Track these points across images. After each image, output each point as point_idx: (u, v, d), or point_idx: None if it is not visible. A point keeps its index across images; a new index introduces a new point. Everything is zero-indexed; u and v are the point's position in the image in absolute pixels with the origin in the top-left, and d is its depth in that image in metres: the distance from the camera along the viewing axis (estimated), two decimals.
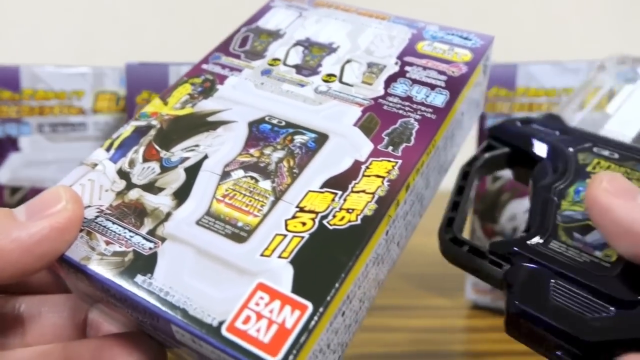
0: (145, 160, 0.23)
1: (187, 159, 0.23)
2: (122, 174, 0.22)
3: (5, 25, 0.69)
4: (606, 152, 0.25)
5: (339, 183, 0.21)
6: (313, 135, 0.23)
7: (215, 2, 0.69)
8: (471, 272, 0.24)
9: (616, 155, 0.25)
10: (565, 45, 0.75)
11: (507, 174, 0.41)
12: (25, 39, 0.69)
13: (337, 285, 0.18)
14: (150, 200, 0.21)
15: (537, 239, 0.22)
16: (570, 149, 0.26)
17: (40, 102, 0.44)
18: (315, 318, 0.17)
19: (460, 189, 0.28)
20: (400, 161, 0.22)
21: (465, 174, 0.28)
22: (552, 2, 0.77)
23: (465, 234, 0.44)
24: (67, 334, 0.22)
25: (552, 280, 0.21)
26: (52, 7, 0.69)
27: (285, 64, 0.27)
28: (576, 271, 0.20)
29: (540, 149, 0.27)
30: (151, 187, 0.22)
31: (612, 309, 0.19)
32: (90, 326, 0.23)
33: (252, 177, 0.22)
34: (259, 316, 0.17)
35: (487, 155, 0.29)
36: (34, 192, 0.44)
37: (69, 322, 0.23)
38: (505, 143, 0.29)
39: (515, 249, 0.22)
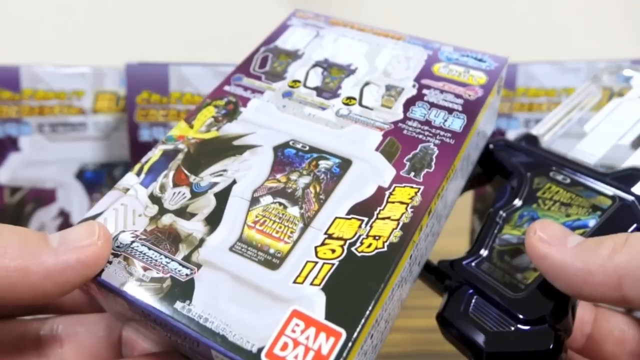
0: (175, 185, 0.24)
1: (216, 184, 0.24)
2: (154, 199, 0.23)
3: (5, 25, 0.69)
4: (560, 177, 0.27)
5: (365, 209, 0.22)
6: (337, 160, 0.24)
7: (215, 2, 0.69)
8: (426, 284, 0.27)
9: (568, 180, 0.27)
10: (565, 45, 0.76)
11: None
12: (25, 39, 0.69)
13: (368, 312, 0.19)
14: (183, 226, 0.22)
15: (472, 259, 0.26)
16: (529, 173, 0.28)
17: (40, 102, 0.44)
18: (350, 344, 0.18)
19: None
20: (422, 187, 0.23)
21: None
22: (552, 2, 0.78)
23: (465, 234, 0.45)
24: (104, 354, 0.23)
25: (475, 297, 0.24)
26: (52, 7, 0.69)
27: (305, 86, 0.28)
28: (493, 290, 0.24)
29: (504, 171, 0.29)
30: (183, 213, 0.23)
31: (513, 325, 0.22)
32: (125, 345, 0.24)
33: (280, 203, 0.23)
34: (296, 343, 0.18)
35: None
36: (34, 192, 0.45)
37: (104, 342, 0.24)
38: (480, 164, 0.30)
39: (452, 267, 0.25)
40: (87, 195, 0.47)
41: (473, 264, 0.25)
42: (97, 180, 0.47)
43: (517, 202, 0.27)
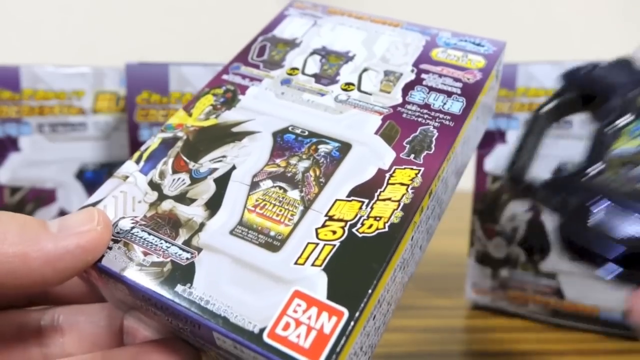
0: (174, 171, 0.24)
1: (215, 169, 0.24)
2: (154, 186, 0.23)
3: (5, 25, 0.69)
4: None
5: (365, 191, 0.22)
6: (336, 144, 0.24)
7: (215, 2, 0.69)
8: (535, 201, 0.27)
9: None
10: (565, 45, 0.76)
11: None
12: (25, 39, 0.70)
13: (370, 291, 0.19)
14: (183, 211, 0.22)
15: (588, 175, 0.25)
16: (632, 93, 0.27)
17: (40, 102, 0.44)
18: (352, 323, 0.18)
19: (527, 133, 0.29)
20: (422, 169, 0.23)
21: (534, 119, 0.30)
22: (552, 2, 0.78)
23: (465, 234, 0.45)
24: (105, 342, 0.23)
25: (608, 206, 0.23)
26: (52, 7, 0.69)
27: (303, 73, 0.28)
28: (628, 197, 0.23)
29: (604, 92, 0.28)
30: (183, 198, 0.23)
31: None
32: (126, 333, 0.24)
33: (280, 187, 0.23)
34: (298, 323, 0.18)
35: (556, 101, 0.30)
36: (34, 192, 0.45)
37: (106, 331, 0.23)
38: (574, 88, 0.30)
39: (566, 181, 0.25)
40: (87, 195, 0.47)
41: (590, 175, 0.25)
42: (97, 180, 0.47)
43: (628, 118, 0.26)
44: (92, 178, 0.47)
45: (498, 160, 0.43)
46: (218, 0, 0.69)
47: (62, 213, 0.46)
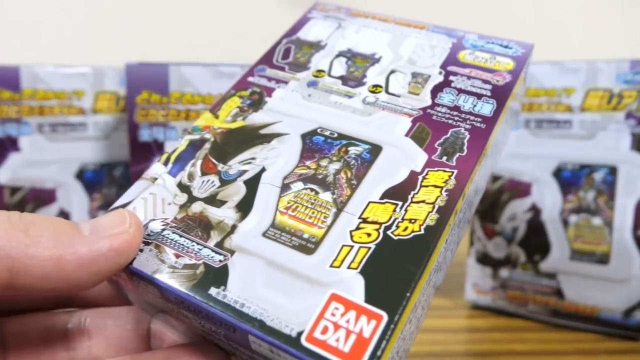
0: (203, 173, 0.24)
1: (245, 171, 0.23)
2: (183, 188, 0.23)
3: (5, 25, 0.69)
4: None
5: (398, 194, 0.22)
6: (367, 146, 0.24)
7: (215, 2, 0.69)
8: None
9: None
10: (565, 45, 0.75)
11: (507, 173, 0.42)
12: (25, 39, 0.69)
13: (408, 294, 0.18)
14: (214, 213, 0.22)
15: None
16: None
17: (40, 102, 0.44)
18: (392, 327, 0.18)
19: None
20: (455, 171, 0.22)
21: None
22: (552, 2, 0.77)
23: (465, 234, 0.45)
24: (132, 346, 0.23)
25: None
26: (52, 7, 0.69)
27: (330, 75, 0.28)
28: None
29: None
30: (213, 200, 0.22)
31: None
32: (154, 337, 0.23)
33: (311, 189, 0.22)
34: (337, 326, 0.18)
35: None
36: (34, 192, 0.44)
37: (133, 334, 0.23)
38: None
39: None
40: (87, 195, 0.47)
41: None
42: (97, 180, 0.47)
43: None
44: (92, 178, 0.47)
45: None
46: (218, 0, 0.69)
47: (62, 213, 0.46)
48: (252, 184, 0.23)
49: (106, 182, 0.48)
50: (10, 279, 0.17)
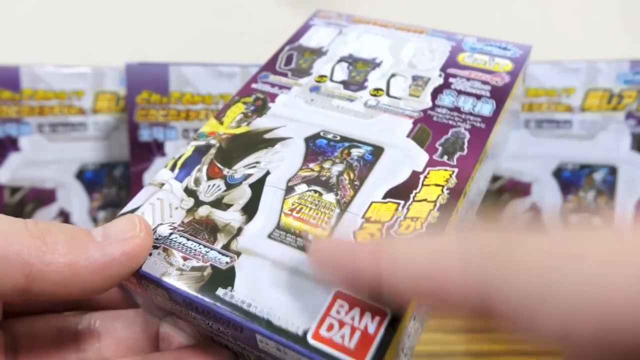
0: (209, 178, 0.24)
1: (250, 175, 0.24)
2: (190, 192, 0.24)
3: (5, 25, 0.70)
4: None
5: (401, 193, 0.22)
6: (369, 148, 0.24)
7: (215, 2, 0.69)
8: None
9: None
10: (565, 45, 0.75)
11: (507, 173, 0.42)
12: (25, 39, 0.70)
13: None
14: (220, 217, 0.22)
15: None
16: None
17: (40, 102, 0.44)
18: (395, 323, 0.18)
19: None
20: (456, 170, 0.23)
21: None
22: (552, 2, 0.78)
23: None
24: (141, 348, 0.23)
25: None
26: (52, 7, 0.70)
27: (332, 80, 0.28)
28: None
29: None
30: (219, 204, 0.23)
31: None
32: (162, 339, 0.24)
33: (315, 191, 0.23)
34: (342, 323, 0.18)
35: None
36: (34, 192, 0.45)
37: (142, 336, 0.24)
38: None
39: None
40: (87, 195, 0.47)
41: None
42: (97, 180, 0.47)
43: None
44: (92, 178, 0.47)
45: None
46: (218, 1, 0.69)
47: (62, 213, 0.46)
48: (257, 187, 0.23)
49: (106, 182, 0.48)
50: (27, 284, 0.18)
